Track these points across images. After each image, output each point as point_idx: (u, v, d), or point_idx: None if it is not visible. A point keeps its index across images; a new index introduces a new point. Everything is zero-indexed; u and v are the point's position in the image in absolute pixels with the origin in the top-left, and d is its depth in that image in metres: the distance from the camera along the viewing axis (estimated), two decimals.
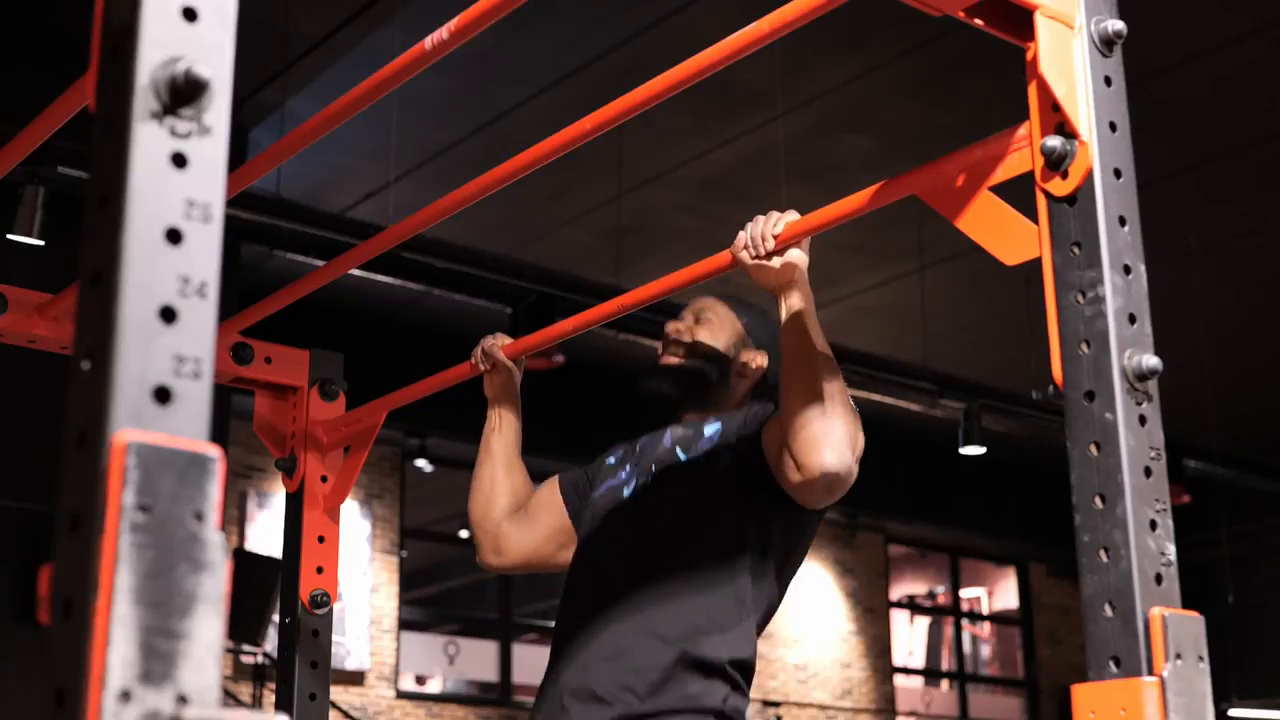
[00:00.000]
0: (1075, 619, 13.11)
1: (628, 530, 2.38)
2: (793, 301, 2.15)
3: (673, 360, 2.48)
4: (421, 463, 10.42)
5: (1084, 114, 1.48)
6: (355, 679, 10.03)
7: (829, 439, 2.10)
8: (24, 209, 6.12)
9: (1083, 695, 1.34)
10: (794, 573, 2.37)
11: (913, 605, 14.07)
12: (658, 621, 2.24)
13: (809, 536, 2.37)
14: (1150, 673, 1.30)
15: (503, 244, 8.17)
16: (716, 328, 2.48)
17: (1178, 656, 1.30)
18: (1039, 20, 1.50)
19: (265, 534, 9.75)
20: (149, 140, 0.91)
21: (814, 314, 2.16)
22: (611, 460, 2.55)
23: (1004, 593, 14.51)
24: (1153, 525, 1.36)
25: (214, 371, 0.91)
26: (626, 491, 2.43)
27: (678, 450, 2.41)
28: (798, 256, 2.11)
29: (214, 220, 0.92)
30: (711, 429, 2.39)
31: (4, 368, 4.90)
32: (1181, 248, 8.41)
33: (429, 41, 1.84)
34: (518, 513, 2.64)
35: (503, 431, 2.68)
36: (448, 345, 4.61)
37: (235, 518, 9.77)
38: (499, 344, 2.64)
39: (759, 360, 2.46)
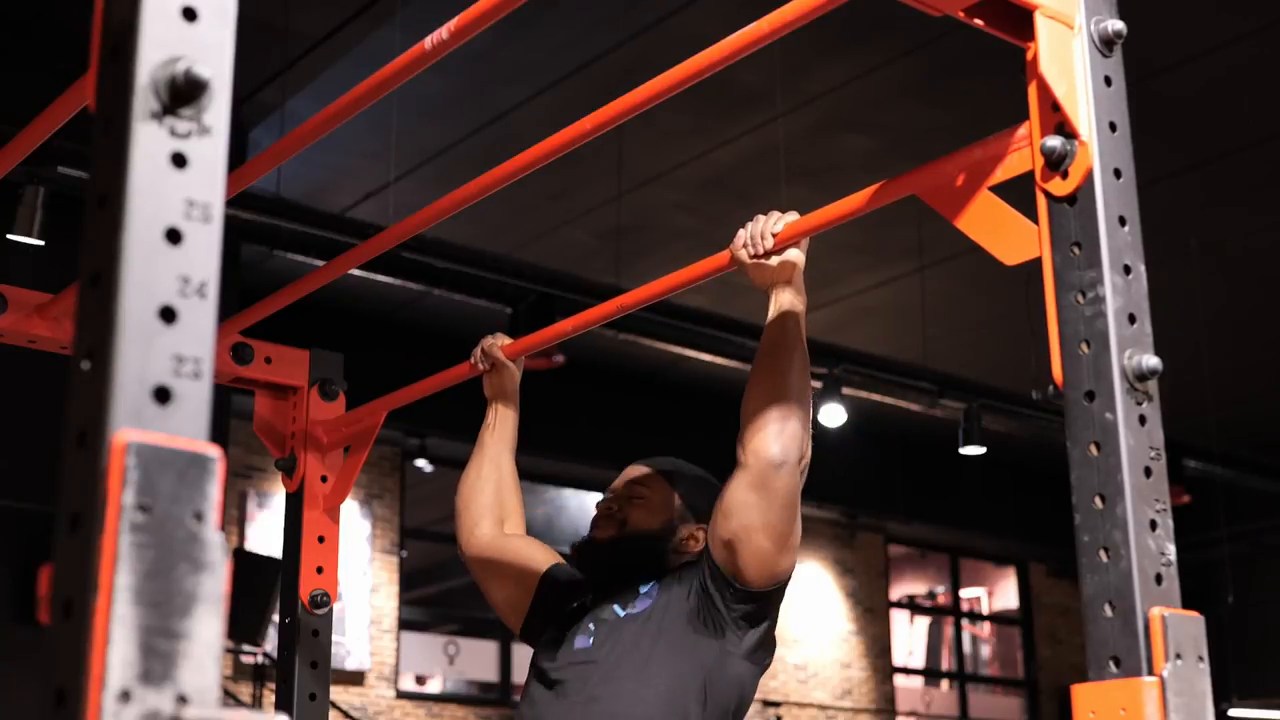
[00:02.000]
0: (1075, 619, 13.11)
1: (578, 685, 2.33)
2: (783, 298, 2.16)
3: (603, 535, 2.46)
4: (421, 463, 10.42)
5: (1084, 114, 1.48)
6: (355, 679, 10.03)
7: (781, 434, 2.13)
8: (24, 209, 6.12)
9: (1083, 695, 1.34)
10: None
11: (913, 605, 14.06)
12: None
13: (751, 680, 2.31)
14: (1150, 673, 1.30)
15: (503, 244, 8.17)
16: (648, 508, 2.45)
17: (1178, 656, 1.30)
18: (1039, 20, 1.50)
19: (265, 534, 9.74)
20: (149, 140, 0.91)
21: (802, 314, 2.17)
22: (575, 605, 2.50)
23: (1004, 593, 14.51)
24: (1153, 525, 1.36)
25: (214, 371, 0.91)
26: (579, 643, 2.38)
27: (615, 608, 2.38)
28: (796, 256, 2.12)
29: (214, 220, 0.92)
30: (646, 586, 2.38)
31: (4, 368, 4.90)
32: (1181, 248, 8.40)
33: (429, 41, 1.84)
34: (500, 529, 2.66)
35: (497, 429, 2.70)
36: (448, 345, 4.61)
37: (235, 518, 9.77)
38: (499, 344, 2.64)
39: (699, 538, 2.40)
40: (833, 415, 8.73)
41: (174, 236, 0.91)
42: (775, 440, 2.13)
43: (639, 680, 2.25)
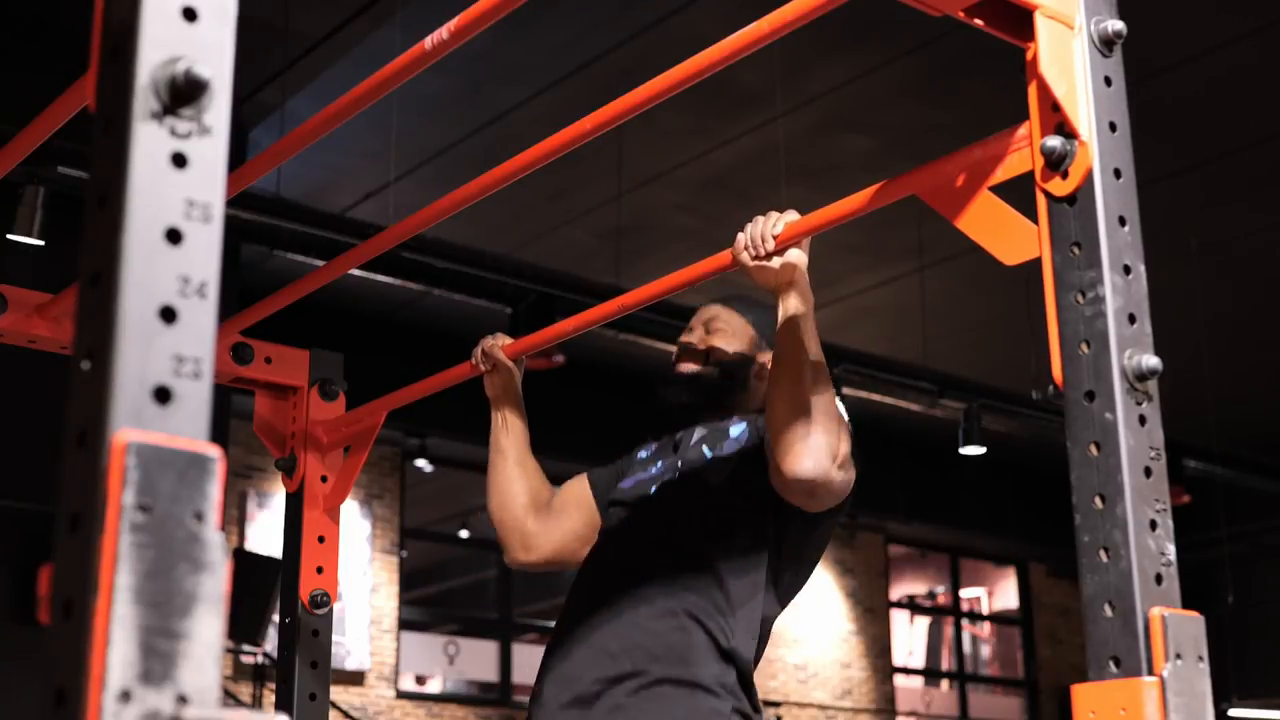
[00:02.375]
0: (1075, 619, 13.11)
1: (651, 522, 2.40)
2: (791, 304, 2.15)
3: (692, 367, 2.49)
4: (421, 463, 10.42)
5: (1084, 114, 1.48)
6: (355, 679, 10.03)
7: (807, 445, 2.13)
8: (24, 209, 6.12)
9: (1083, 695, 1.34)
10: (803, 580, 2.38)
11: (913, 605, 14.06)
12: (674, 604, 2.26)
13: (817, 545, 2.38)
14: (1150, 673, 1.30)
15: (503, 244, 8.17)
16: (730, 335, 2.50)
17: (1178, 656, 1.30)
18: (1039, 20, 1.50)
19: (265, 534, 9.74)
20: (149, 140, 0.91)
21: (812, 318, 2.17)
22: (643, 454, 2.57)
23: (1004, 593, 14.51)
24: (1153, 525, 1.36)
25: (214, 371, 0.91)
26: (654, 487, 2.44)
27: (704, 449, 2.42)
28: (797, 257, 2.12)
29: (214, 220, 0.92)
30: (737, 430, 2.42)
31: (4, 368, 4.90)
32: (1181, 248, 8.40)
33: (429, 41, 1.84)
34: (544, 509, 2.65)
35: (511, 429, 2.69)
36: (448, 345, 4.61)
37: (235, 518, 9.77)
38: (499, 344, 2.64)
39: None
40: None
41: (174, 236, 0.91)
42: (806, 458, 2.14)
43: (716, 526, 2.32)
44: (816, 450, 2.13)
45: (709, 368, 2.48)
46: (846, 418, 2.23)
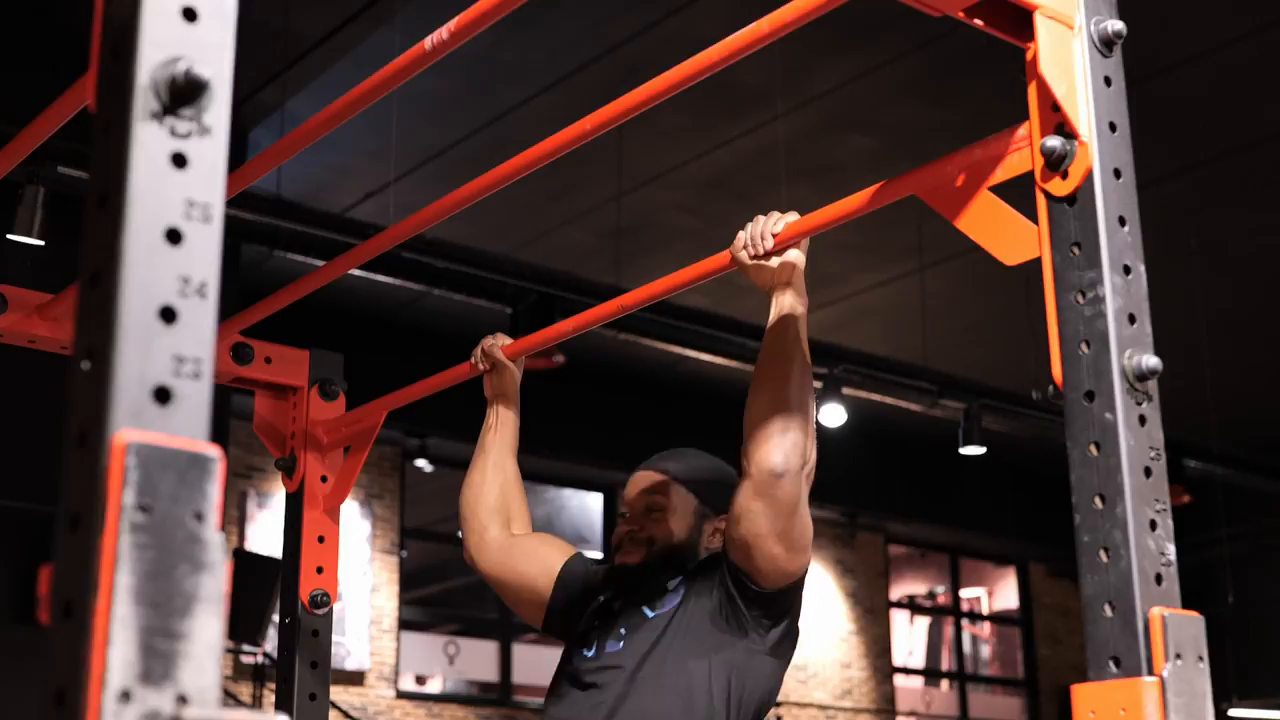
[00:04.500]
0: (1075, 619, 13.10)
1: (610, 688, 2.35)
2: (785, 301, 2.16)
3: (632, 560, 2.46)
4: (421, 463, 10.42)
5: (1084, 114, 1.48)
6: (355, 679, 10.02)
7: (782, 439, 2.13)
8: (24, 209, 6.12)
9: (1083, 695, 1.34)
10: (764, 713, 2.36)
11: (913, 605, 14.06)
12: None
13: (776, 675, 2.35)
14: (1150, 673, 1.30)
15: (503, 244, 8.17)
16: (671, 518, 2.45)
17: (1178, 656, 1.30)
18: (1039, 20, 1.50)
19: (265, 534, 9.74)
20: (149, 140, 0.91)
21: (804, 317, 2.18)
22: (601, 600, 2.51)
23: (1004, 593, 14.51)
24: (1153, 525, 1.36)
25: (214, 371, 0.91)
26: (610, 647, 2.40)
27: (645, 609, 2.40)
28: (796, 257, 2.12)
29: (214, 220, 0.92)
30: (674, 583, 2.40)
31: (4, 368, 4.89)
32: (1181, 248, 8.40)
33: (429, 41, 1.84)
34: (511, 521, 2.66)
35: (498, 430, 2.70)
36: (448, 345, 4.61)
37: (235, 518, 9.77)
38: (499, 344, 2.64)
39: (723, 528, 2.41)
40: (833, 415, 8.74)
41: (174, 236, 0.91)
42: (777, 450, 2.14)
43: (667, 679, 2.29)
44: (790, 447, 2.14)
45: (651, 557, 2.44)
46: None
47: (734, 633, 2.28)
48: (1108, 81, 1.50)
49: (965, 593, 14.28)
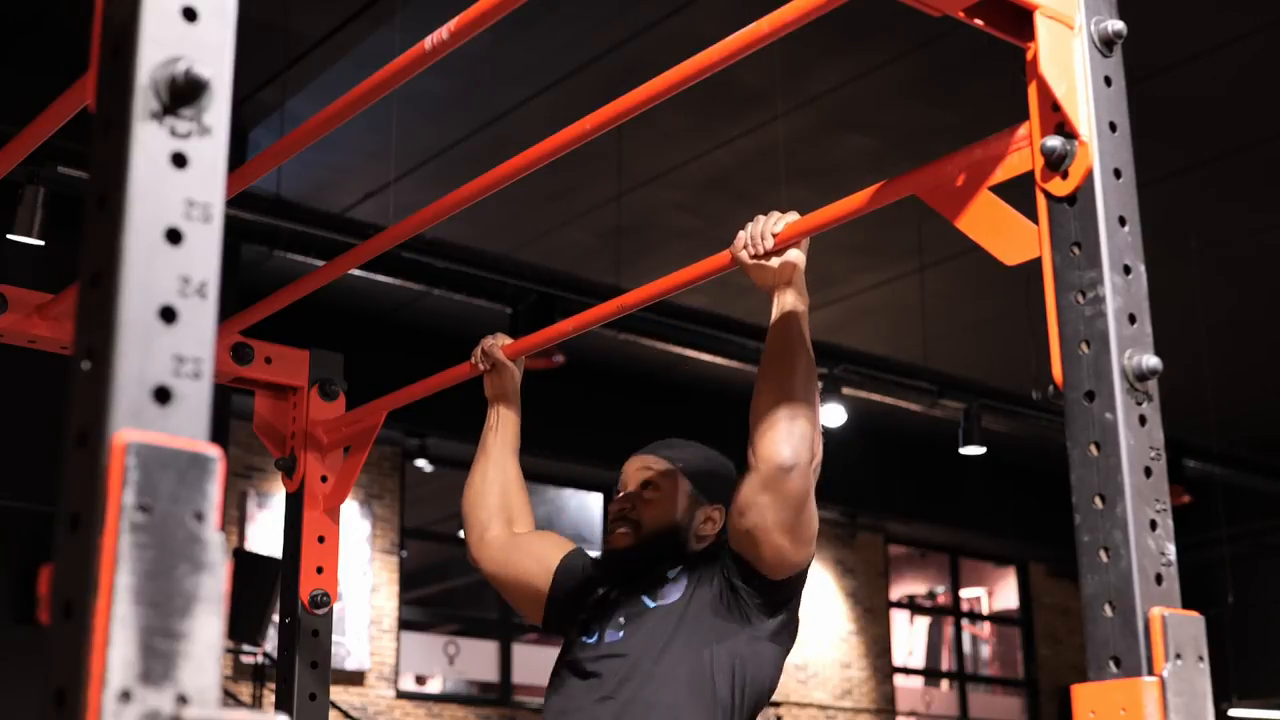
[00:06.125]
0: (1075, 619, 13.11)
1: (610, 677, 2.36)
2: (786, 300, 2.17)
3: (624, 543, 2.48)
4: (421, 463, 10.42)
5: (1084, 114, 1.48)
6: (355, 679, 10.02)
7: (790, 436, 2.14)
8: (24, 209, 6.12)
9: (1083, 695, 1.34)
10: (765, 700, 2.37)
11: (913, 605, 14.06)
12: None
13: (777, 662, 2.36)
14: (1150, 673, 1.30)
15: (503, 244, 8.17)
16: (664, 501, 2.48)
17: (1178, 656, 1.30)
18: (1039, 20, 1.50)
19: (265, 534, 9.74)
20: (149, 140, 0.91)
21: (805, 315, 2.18)
22: (600, 593, 2.51)
23: (1004, 593, 14.51)
24: (1153, 525, 1.36)
25: (214, 371, 0.91)
26: (610, 636, 2.41)
27: (645, 599, 2.41)
28: (796, 256, 2.12)
29: (214, 220, 0.92)
30: (674, 573, 2.42)
31: (4, 368, 4.90)
32: (1181, 248, 8.40)
33: (429, 41, 1.84)
34: (512, 521, 2.67)
35: (499, 430, 2.70)
36: (448, 345, 4.61)
37: (235, 518, 9.76)
38: (499, 344, 2.64)
39: (715, 519, 2.47)
40: (833, 415, 8.74)
41: (174, 236, 0.91)
42: (785, 444, 2.14)
43: (669, 668, 2.30)
44: (797, 441, 2.14)
45: (642, 541, 2.46)
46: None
47: (737, 620, 2.30)
48: (1108, 81, 1.50)
49: (965, 593, 14.28)
